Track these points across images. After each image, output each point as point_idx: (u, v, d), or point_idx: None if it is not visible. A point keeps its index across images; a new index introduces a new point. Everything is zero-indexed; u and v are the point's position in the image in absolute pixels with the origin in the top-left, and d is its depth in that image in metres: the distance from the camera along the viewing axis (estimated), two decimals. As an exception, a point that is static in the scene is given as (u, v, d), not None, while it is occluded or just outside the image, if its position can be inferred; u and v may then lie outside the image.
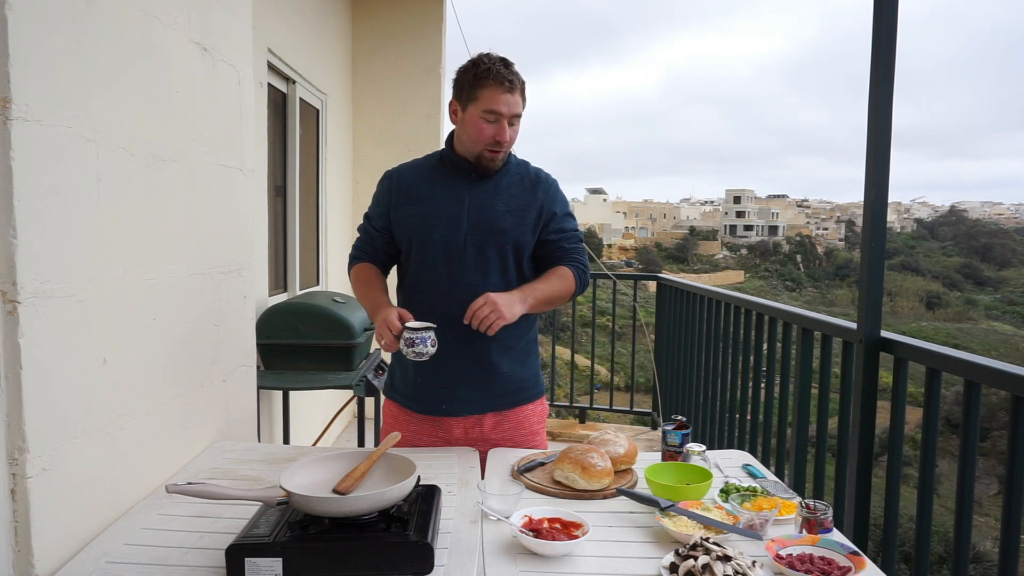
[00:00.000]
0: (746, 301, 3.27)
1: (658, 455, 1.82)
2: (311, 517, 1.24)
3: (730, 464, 1.85)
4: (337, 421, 4.07)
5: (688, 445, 1.73)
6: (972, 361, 1.79)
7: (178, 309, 1.73)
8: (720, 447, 3.37)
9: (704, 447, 1.71)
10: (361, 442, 3.12)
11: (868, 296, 2.17)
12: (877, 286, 2.17)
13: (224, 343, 2.00)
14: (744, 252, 61.80)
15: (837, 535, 1.39)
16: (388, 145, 4.69)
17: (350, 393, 3.25)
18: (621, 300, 4.95)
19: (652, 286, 5.01)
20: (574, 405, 5.11)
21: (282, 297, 3.66)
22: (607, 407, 5.06)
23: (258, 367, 2.98)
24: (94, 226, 1.38)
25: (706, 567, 1.19)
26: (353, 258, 1.96)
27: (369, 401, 3.28)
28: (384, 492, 1.23)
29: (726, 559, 1.21)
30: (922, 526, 1.93)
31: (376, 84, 4.74)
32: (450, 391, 1.82)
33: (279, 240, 3.71)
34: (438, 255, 1.79)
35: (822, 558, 1.28)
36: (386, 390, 1.96)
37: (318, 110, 4.22)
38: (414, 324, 1.67)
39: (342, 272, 4.52)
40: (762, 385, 3.00)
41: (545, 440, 1.98)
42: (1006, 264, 55.27)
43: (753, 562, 1.23)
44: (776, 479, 1.73)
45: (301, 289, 3.90)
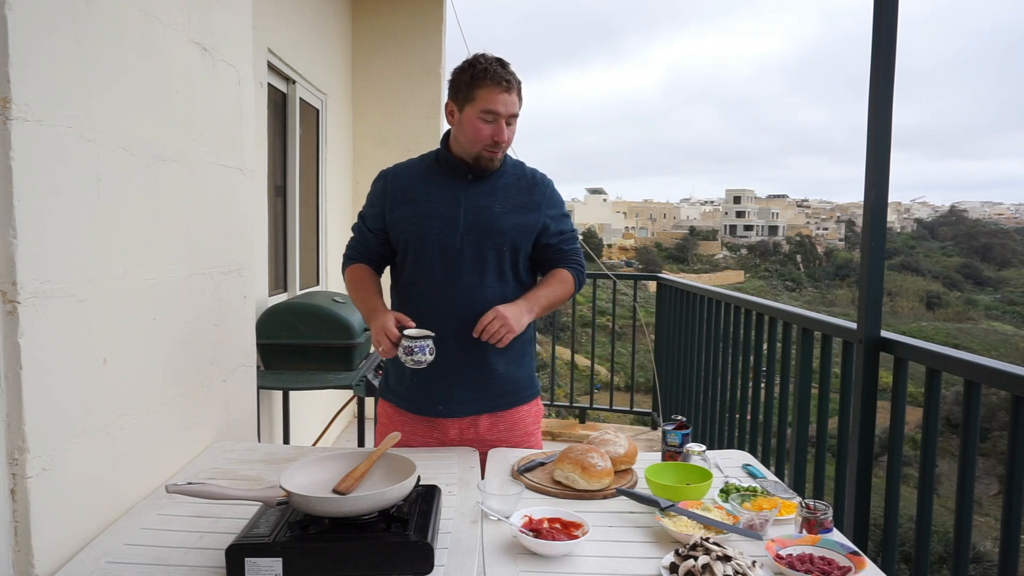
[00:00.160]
0: (746, 301, 3.26)
1: (658, 455, 1.82)
2: (311, 517, 1.24)
3: (730, 464, 1.85)
4: (337, 421, 4.07)
5: (688, 445, 1.73)
6: (972, 361, 1.79)
7: (178, 309, 1.73)
8: (720, 447, 3.37)
9: (704, 447, 1.71)
10: (361, 442, 3.12)
11: (868, 296, 2.17)
12: (877, 286, 2.17)
13: (224, 343, 2.00)
14: (744, 252, 61.79)
15: (837, 535, 1.39)
16: (388, 145, 4.68)
17: (350, 393, 3.25)
18: (621, 300, 4.95)
19: (652, 286, 5.01)
20: (574, 405, 5.11)
21: (282, 297, 3.66)
22: (607, 407, 5.06)
23: (258, 367, 2.98)
24: (94, 226, 1.38)
25: (706, 567, 1.19)
26: (347, 259, 1.95)
27: (369, 401, 3.27)
28: (384, 492, 1.23)
29: (726, 559, 1.21)
30: (922, 526, 1.93)
31: (376, 84, 4.74)
32: (446, 392, 1.82)
33: (279, 240, 3.71)
34: (435, 256, 1.78)
35: (822, 558, 1.28)
36: (381, 391, 1.96)
37: (318, 110, 4.22)
38: (413, 332, 1.66)
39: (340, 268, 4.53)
40: (762, 385, 3.00)
41: (540, 441, 1.98)
42: (1006, 264, 55.26)
43: (753, 562, 1.23)
44: (776, 479, 1.73)
45: (301, 289, 3.90)
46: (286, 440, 3.40)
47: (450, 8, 4.77)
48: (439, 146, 1.87)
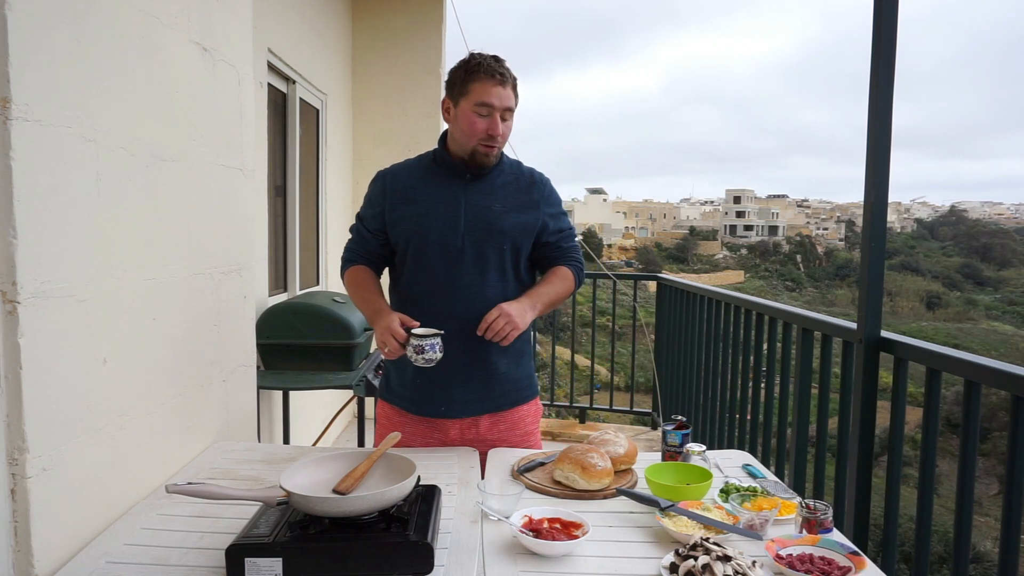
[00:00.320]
0: (746, 301, 3.27)
1: (658, 455, 1.82)
2: (311, 517, 1.24)
3: (730, 464, 1.85)
4: (337, 421, 4.07)
5: (688, 445, 1.73)
6: (972, 361, 1.79)
7: (178, 309, 1.73)
8: (720, 447, 3.37)
9: (704, 447, 1.71)
10: (361, 442, 3.12)
11: (868, 296, 2.17)
12: (877, 286, 2.17)
13: (224, 343, 2.00)
14: (744, 252, 61.80)
15: (837, 535, 1.39)
16: (388, 145, 4.68)
17: (350, 393, 3.25)
18: (621, 300, 4.95)
19: (652, 286, 5.01)
20: (574, 405, 5.11)
21: (282, 297, 3.66)
22: (607, 407, 5.06)
23: (258, 367, 2.98)
24: (94, 226, 1.38)
25: (706, 567, 1.19)
26: (346, 260, 1.94)
27: (369, 401, 3.27)
28: (384, 492, 1.23)
29: (726, 559, 1.21)
30: (922, 526, 1.93)
31: (376, 84, 4.74)
32: (449, 392, 1.82)
33: (279, 240, 3.71)
34: (436, 256, 1.78)
35: (822, 558, 1.28)
36: (381, 392, 1.96)
37: (318, 110, 4.22)
38: (421, 331, 1.66)
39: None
40: (762, 385, 3.00)
41: (539, 441, 1.98)
42: (1006, 264, 55.27)
43: (753, 562, 1.23)
44: (776, 479, 1.73)
45: (301, 289, 3.90)
46: (286, 440, 3.40)
47: (450, 8, 4.77)
48: (436, 146, 1.87)
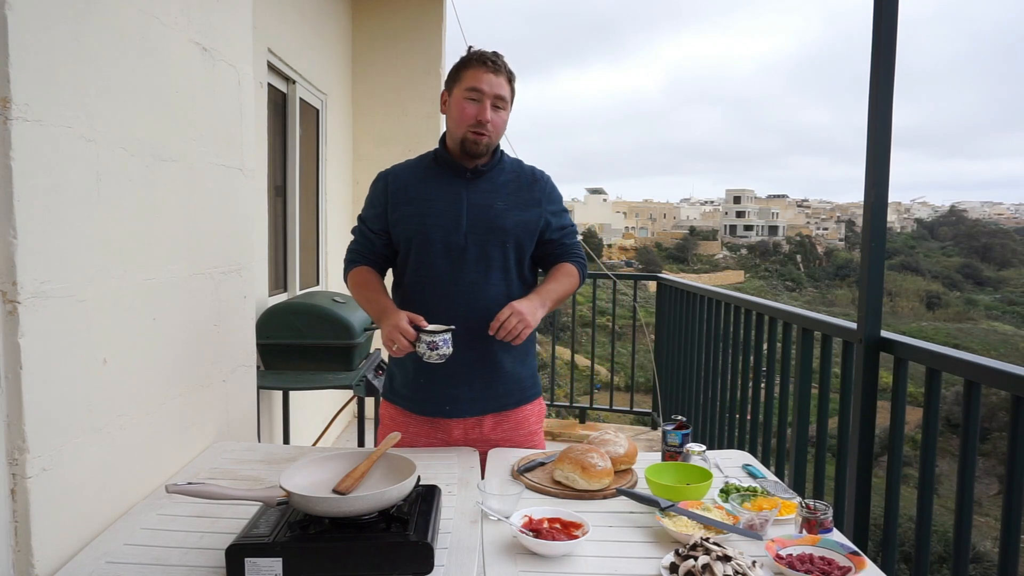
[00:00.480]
0: (746, 301, 3.27)
1: (658, 455, 1.82)
2: (311, 517, 1.24)
3: (730, 464, 1.85)
4: (337, 421, 4.07)
5: (688, 445, 1.73)
6: (972, 361, 1.79)
7: (178, 309, 1.73)
8: (720, 447, 3.37)
9: (704, 447, 1.71)
10: (361, 442, 3.12)
11: (868, 296, 2.17)
12: (877, 286, 2.17)
13: (224, 343, 2.00)
14: (744, 252, 61.80)
15: (837, 535, 1.39)
16: (388, 145, 4.68)
17: (350, 393, 3.25)
18: (621, 300, 4.95)
19: (652, 286, 5.01)
20: (574, 405, 5.11)
21: (282, 297, 3.66)
22: (607, 407, 5.06)
23: (258, 367, 2.98)
24: (94, 226, 1.38)
25: (706, 567, 1.19)
26: (349, 262, 1.95)
27: (369, 401, 3.28)
28: (384, 492, 1.23)
29: (726, 559, 1.21)
30: (922, 526, 1.93)
31: (376, 84, 4.74)
32: (453, 392, 1.82)
33: (279, 240, 3.71)
34: (438, 254, 1.78)
35: (822, 558, 1.28)
36: (385, 393, 1.95)
37: (318, 110, 4.22)
38: (432, 327, 1.67)
39: (342, 272, 4.53)
40: (762, 385, 3.00)
41: (543, 440, 1.98)
42: (1006, 264, 55.27)
43: (753, 562, 1.23)
44: (776, 479, 1.73)
45: (301, 289, 3.90)
46: (286, 440, 3.40)
47: (450, 8, 4.77)
48: (437, 146, 1.87)
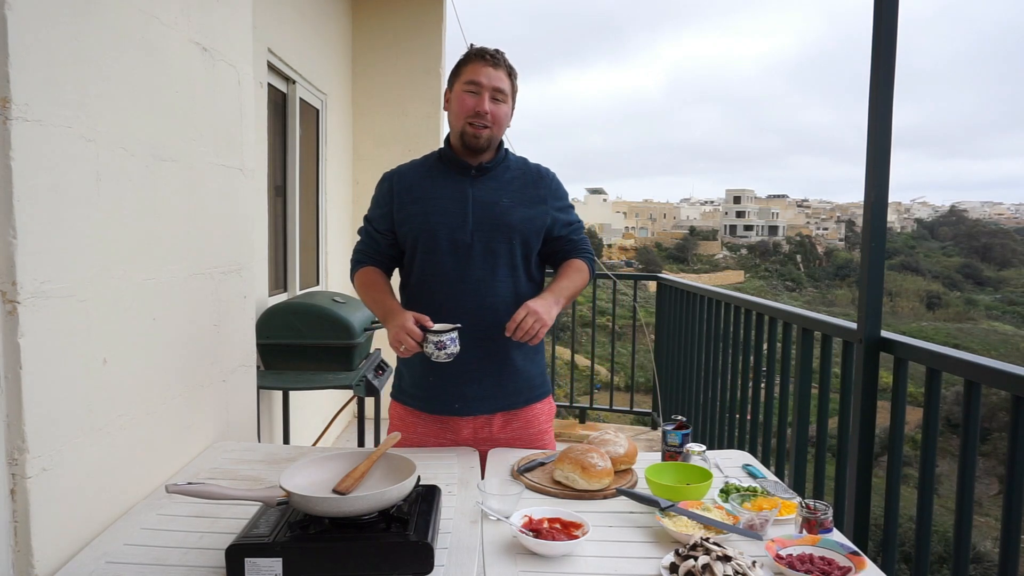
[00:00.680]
0: (746, 301, 3.26)
1: (658, 455, 1.82)
2: (311, 517, 1.24)
3: (730, 464, 1.85)
4: (337, 421, 4.07)
5: (688, 445, 1.72)
6: (972, 361, 1.79)
7: (178, 309, 1.73)
8: (720, 447, 3.37)
9: (704, 447, 1.71)
10: (361, 442, 3.12)
11: (868, 296, 2.17)
12: (877, 286, 2.17)
13: (224, 343, 2.00)
14: (744, 252, 61.80)
15: (837, 535, 1.39)
16: (388, 145, 4.69)
17: (350, 393, 3.25)
18: (621, 300, 4.95)
19: (652, 286, 5.01)
20: (574, 405, 5.11)
21: (282, 297, 3.66)
22: (607, 407, 5.06)
23: (258, 367, 2.98)
24: (94, 226, 1.38)
25: (706, 567, 1.19)
26: (356, 263, 1.94)
27: (369, 401, 3.27)
28: (384, 492, 1.23)
29: (726, 559, 1.21)
30: (922, 526, 1.93)
31: (376, 84, 4.74)
32: (463, 389, 1.82)
33: (279, 240, 3.71)
34: (445, 252, 1.78)
35: (822, 558, 1.28)
36: (393, 393, 1.95)
37: (318, 110, 4.22)
38: (439, 327, 1.67)
39: (342, 272, 4.52)
40: (762, 385, 3.00)
41: (553, 440, 1.96)
42: (1006, 264, 55.28)
43: (753, 562, 1.23)
44: (776, 479, 1.73)
45: (301, 289, 3.90)
46: (286, 440, 3.40)
47: (450, 8, 4.77)
48: (442, 146, 1.87)
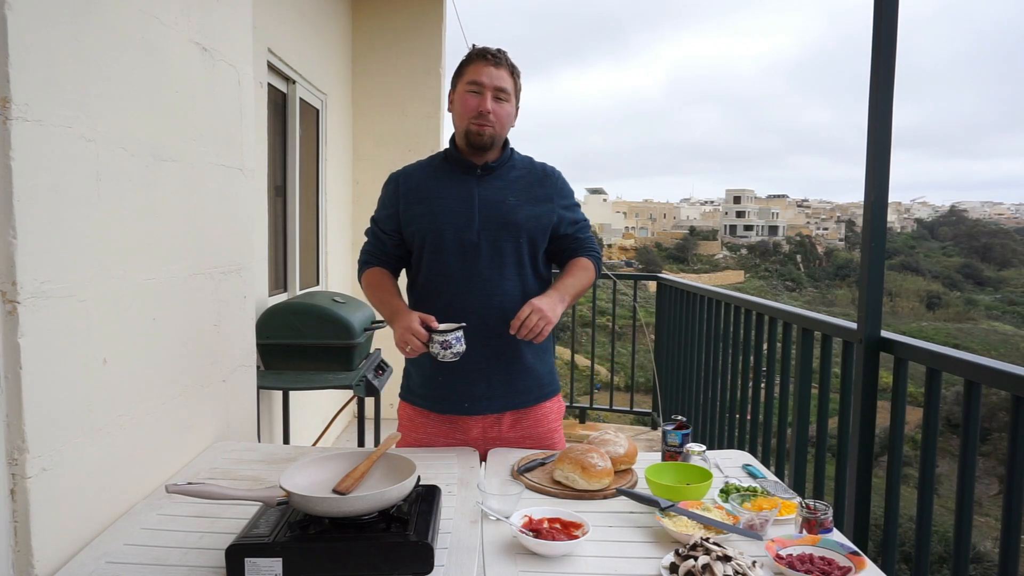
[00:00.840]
0: (746, 301, 3.27)
1: (658, 455, 1.82)
2: (311, 517, 1.24)
3: (730, 464, 1.85)
4: (337, 421, 4.07)
5: (688, 445, 1.72)
6: (972, 361, 1.79)
7: (178, 309, 1.73)
8: (720, 447, 3.37)
9: (704, 447, 1.71)
10: (361, 442, 3.12)
11: (868, 296, 2.17)
12: (877, 286, 2.17)
13: (224, 343, 2.00)
14: (744, 252, 61.81)
15: (837, 535, 1.39)
16: (388, 145, 4.69)
17: (350, 393, 3.25)
18: (621, 300, 4.95)
19: (652, 286, 5.01)
20: (574, 405, 5.11)
21: (282, 297, 3.66)
22: (607, 407, 5.06)
23: (258, 367, 2.98)
24: (94, 226, 1.38)
25: (706, 567, 1.19)
26: (363, 263, 1.94)
27: (369, 401, 3.27)
28: (384, 492, 1.23)
29: (726, 559, 1.21)
30: (922, 526, 1.93)
31: (376, 84, 4.74)
32: (472, 389, 1.81)
33: (279, 240, 3.71)
34: (452, 252, 1.78)
35: (822, 558, 1.28)
36: (402, 393, 1.94)
37: (318, 110, 4.22)
38: (444, 326, 1.67)
39: (342, 272, 4.53)
40: (762, 385, 3.00)
41: (563, 439, 1.95)
42: (1006, 264, 55.29)
43: (753, 562, 1.23)
44: (776, 479, 1.73)
45: (301, 289, 3.90)
46: (286, 440, 3.40)
47: (450, 8, 4.77)
48: (448, 146, 1.88)
